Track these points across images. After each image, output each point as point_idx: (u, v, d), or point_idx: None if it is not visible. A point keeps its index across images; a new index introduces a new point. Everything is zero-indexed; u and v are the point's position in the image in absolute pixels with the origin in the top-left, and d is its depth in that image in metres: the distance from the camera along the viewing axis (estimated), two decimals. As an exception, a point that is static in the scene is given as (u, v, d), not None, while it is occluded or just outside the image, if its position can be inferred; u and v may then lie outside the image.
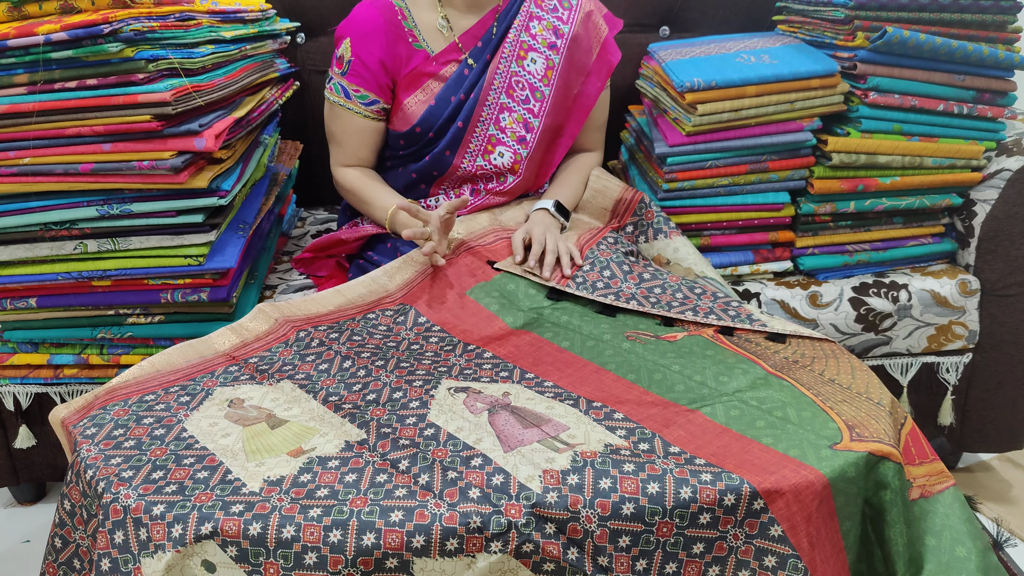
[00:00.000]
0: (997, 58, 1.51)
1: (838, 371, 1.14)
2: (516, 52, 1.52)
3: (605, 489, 0.90)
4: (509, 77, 1.52)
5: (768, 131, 1.56)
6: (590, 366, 1.15)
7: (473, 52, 1.52)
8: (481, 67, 1.52)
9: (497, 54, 1.52)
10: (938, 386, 1.65)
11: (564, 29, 1.54)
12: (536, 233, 1.43)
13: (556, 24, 1.54)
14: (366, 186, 1.55)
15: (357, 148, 1.57)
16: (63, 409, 1.10)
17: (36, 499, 1.81)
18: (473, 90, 1.52)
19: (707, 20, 1.97)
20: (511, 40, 1.52)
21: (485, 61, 1.52)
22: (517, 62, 1.52)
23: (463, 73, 1.52)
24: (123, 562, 0.89)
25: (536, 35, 1.53)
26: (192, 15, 1.42)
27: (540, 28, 1.53)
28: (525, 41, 1.52)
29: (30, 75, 1.27)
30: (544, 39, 1.52)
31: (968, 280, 1.58)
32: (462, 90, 1.51)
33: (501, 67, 1.52)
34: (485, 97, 1.52)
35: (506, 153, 1.53)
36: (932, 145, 1.57)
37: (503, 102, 1.53)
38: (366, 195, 1.54)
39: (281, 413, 1.06)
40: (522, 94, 1.52)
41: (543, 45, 1.52)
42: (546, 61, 1.53)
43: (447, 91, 1.51)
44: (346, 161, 1.59)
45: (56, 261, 1.39)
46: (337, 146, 1.58)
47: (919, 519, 0.99)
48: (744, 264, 1.63)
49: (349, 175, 1.58)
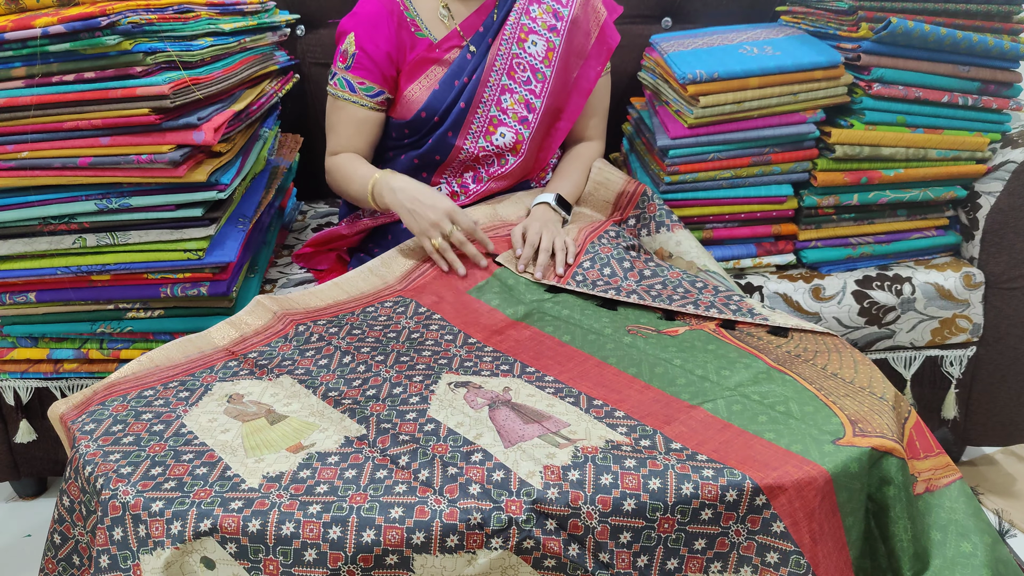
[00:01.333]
0: (1002, 49, 1.49)
1: (840, 365, 1.13)
2: (517, 35, 1.53)
3: (606, 485, 0.90)
4: (510, 59, 1.53)
5: (771, 123, 1.55)
6: (591, 360, 1.15)
7: (474, 38, 1.53)
8: (483, 51, 1.53)
9: (498, 37, 1.53)
10: (942, 379, 1.64)
11: (564, 12, 1.54)
12: (532, 230, 1.42)
13: (556, 7, 1.54)
14: (348, 163, 1.54)
15: (353, 137, 1.56)
16: (62, 405, 1.10)
17: (37, 494, 1.81)
18: (475, 72, 1.52)
19: (710, 11, 1.96)
20: (512, 23, 1.53)
21: (487, 45, 1.53)
22: (518, 44, 1.53)
23: (466, 57, 1.52)
24: (122, 559, 0.88)
25: (536, 18, 1.53)
26: (190, 7, 1.42)
27: (540, 11, 1.54)
28: (526, 24, 1.53)
29: (28, 68, 1.27)
30: (544, 22, 1.53)
31: (972, 273, 1.56)
32: (465, 73, 1.52)
33: (502, 50, 1.52)
34: (487, 79, 1.52)
35: (508, 133, 1.54)
36: (936, 137, 1.55)
37: (504, 83, 1.53)
38: (347, 172, 1.52)
39: (280, 408, 1.05)
40: (523, 75, 1.53)
41: (543, 27, 1.53)
42: (547, 43, 1.53)
43: (451, 75, 1.52)
44: (339, 150, 1.59)
45: (55, 255, 1.39)
46: (334, 137, 1.58)
47: (924, 514, 0.99)
48: (747, 257, 1.62)
49: (335, 160, 1.57)
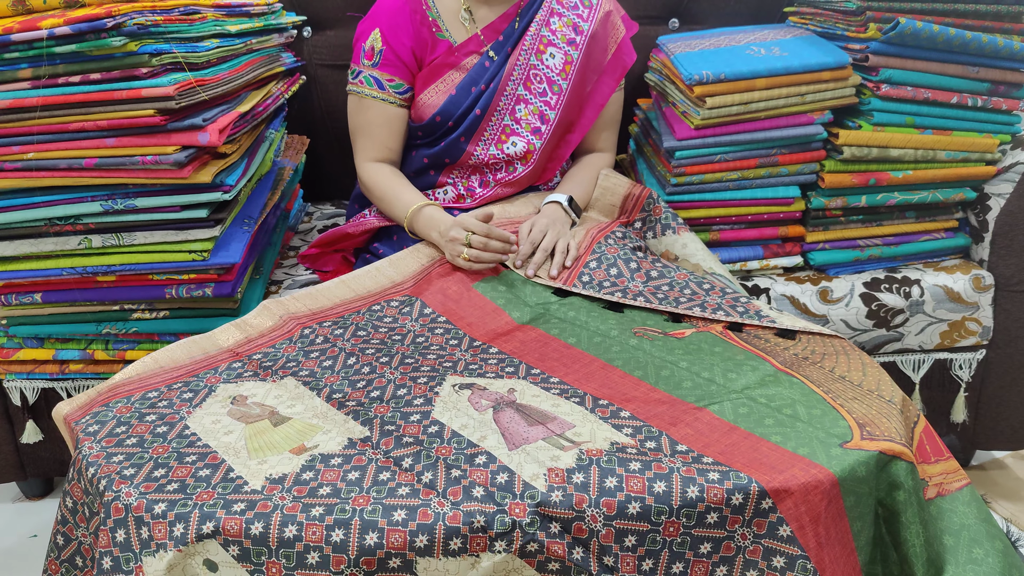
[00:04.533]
0: (1012, 49, 1.48)
1: (848, 368, 1.12)
2: (536, 46, 1.53)
3: (611, 488, 0.89)
4: (528, 70, 1.53)
5: (778, 124, 1.54)
6: (597, 362, 1.14)
7: (495, 45, 1.53)
8: (502, 59, 1.52)
9: (518, 47, 1.53)
10: (951, 383, 1.63)
11: (584, 27, 1.54)
12: (538, 227, 1.42)
13: (576, 21, 1.54)
14: (392, 183, 1.52)
15: (387, 139, 1.54)
16: (66, 406, 1.10)
17: (43, 494, 1.81)
18: (493, 80, 1.52)
19: (717, 12, 1.95)
20: (532, 34, 1.53)
21: (506, 53, 1.53)
22: (536, 56, 1.53)
23: (484, 65, 1.52)
24: (125, 560, 0.88)
25: (556, 31, 1.53)
26: (197, 9, 1.41)
27: (560, 24, 1.54)
28: (545, 36, 1.53)
29: (34, 70, 1.27)
30: (564, 35, 1.53)
31: (982, 275, 1.55)
32: (483, 80, 1.52)
33: (521, 60, 1.52)
34: (504, 88, 1.52)
35: (519, 143, 1.54)
36: (945, 138, 1.54)
37: (520, 94, 1.53)
38: (390, 192, 1.51)
39: (284, 410, 1.05)
40: (539, 87, 1.53)
41: (562, 41, 1.53)
42: (564, 56, 1.53)
43: (468, 81, 1.52)
44: (375, 155, 1.55)
45: (61, 256, 1.39)
46: (365, 139, 1.55)
47: (936, 519, 0.98)
48: (753, 259, 1.61)
49: (376, 172, 1.54)
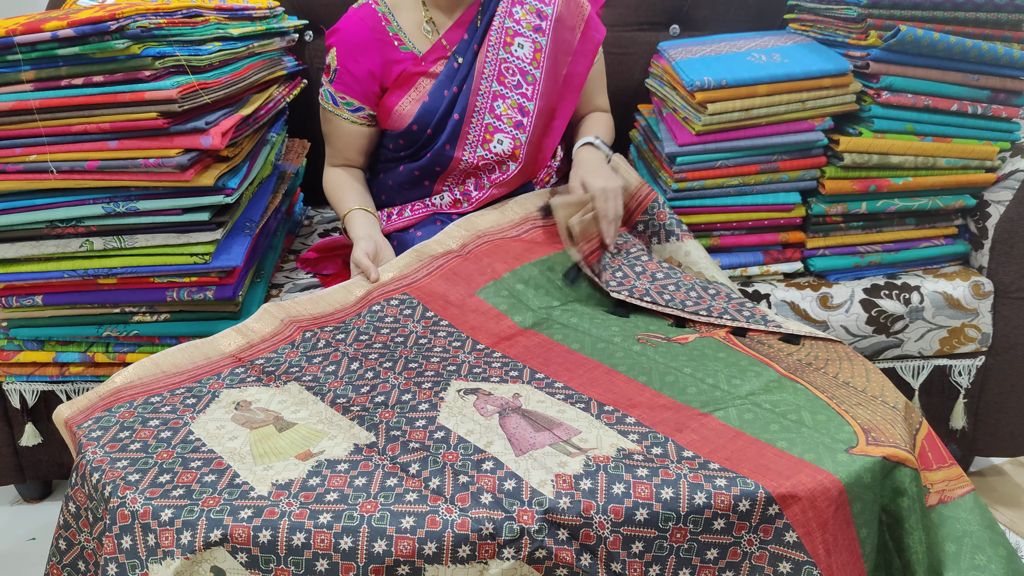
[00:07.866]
0: (1012, 57, 1.49)
1: (852, 374, 1.12)
2: (503, 39, 1.52)
3: (618, 494, 0.89)
4: (498, 64, 1.52)
5: (779, 131, 1.54)
6: (601, 367, 1.14)
7: (459, 47, 1.52)
8: (470, 59, 1.52)
9: (484, 43, 1.52)
10: (950, 389, 1.63)
11: (547, 11, 1.53)
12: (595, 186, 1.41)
13: (539, 7, 1.53)
14: (339, 186, 1.59)
15: (343, 149, 1.60)
16: (66, 409, 1.09)
17: (42, 497, 1.80)
18: (465, 81, 1.52)
19: (718, 19, 1.95)
20: (496, 28, 1.52)
21: (473, 52, 1.52)
22: (504, 48, 1.52)
23: (453, 67, 1.52)
24: (131, 567, 0.87)
25: (520, 20, 1.52)
26: (199, 12, 1.41)
27: (524, 13, 1.53)
28: (510, 27, 1.52)
29: (37, 72, 1.27)
30: (529, 23, 1.52)
31: (981, 282, 1.56)
32: (454, 83, 1.52)
33: (490, 55, 1.52)
34: (477, 87, 1.51)
35: (505, 140, 1.53)
36: (946, 145, 1.55)
37: (496, 89, 1.52)
38: (336, 195, 1.58)
39: (289, 416, 1.05)
40: (513, 79, 1.52)
41: (528, 28, 1.52)
42: (533, 44, 1.52)
43: (439, 86, 1.52)
44: (334, 161, 1.63)
45: (62, 259, 1.39)
46: (328, 146, 1.62)
47: (938, 525, 0.98)
48: (754, 265, 1.62)
49: (330, 176, 1.62)
